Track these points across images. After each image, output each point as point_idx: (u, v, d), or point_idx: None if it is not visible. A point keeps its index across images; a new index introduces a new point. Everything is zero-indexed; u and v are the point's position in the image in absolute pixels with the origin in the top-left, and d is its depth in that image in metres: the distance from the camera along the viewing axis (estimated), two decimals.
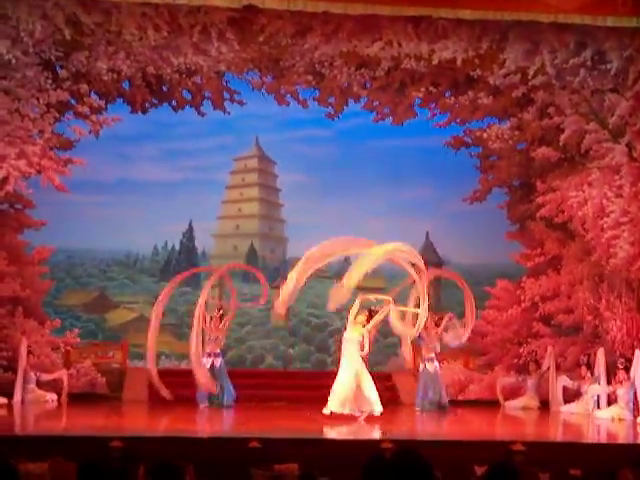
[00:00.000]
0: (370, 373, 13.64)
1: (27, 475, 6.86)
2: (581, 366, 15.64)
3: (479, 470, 7.03)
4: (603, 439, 13.16)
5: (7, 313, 15.93)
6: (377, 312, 13.60)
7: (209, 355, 15.18)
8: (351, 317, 13.49)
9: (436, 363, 15.25)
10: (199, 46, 15.95)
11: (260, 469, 8.35)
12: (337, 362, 14.01)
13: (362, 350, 13.48)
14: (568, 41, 15.75)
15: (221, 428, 12.20)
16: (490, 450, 10.17)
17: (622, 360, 14.95)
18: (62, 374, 15.57)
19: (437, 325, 15.32)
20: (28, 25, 15.04)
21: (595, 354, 15.45)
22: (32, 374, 15.26)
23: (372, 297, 13.74)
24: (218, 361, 15.22)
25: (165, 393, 14.23)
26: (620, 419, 14.31)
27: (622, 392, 14.63)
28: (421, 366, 15.25)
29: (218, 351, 15.29)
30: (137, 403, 15.30)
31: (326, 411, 13.16)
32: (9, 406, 14.35)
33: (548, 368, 16.04)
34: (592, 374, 15.29)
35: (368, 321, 13.56)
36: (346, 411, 13.18)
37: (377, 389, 13.49)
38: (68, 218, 17.50)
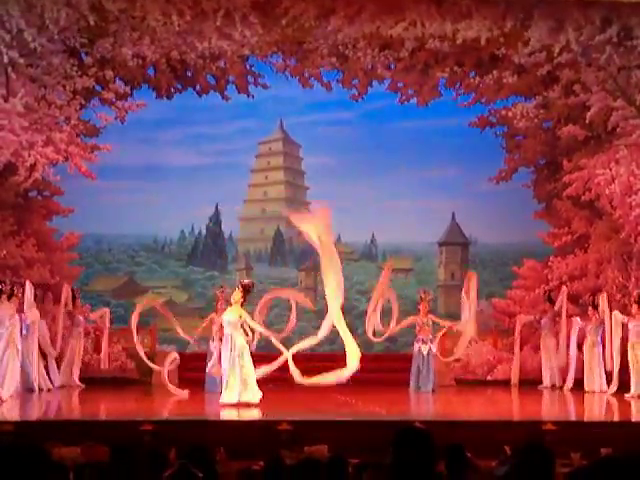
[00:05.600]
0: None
1: (61, 459, 6.93)
2: (588, 306, 15.72)
3: (510, 450, 7.04)
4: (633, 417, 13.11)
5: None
6: (251, 286, 12.75)
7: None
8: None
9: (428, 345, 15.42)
10: (223, 30, 15.93)
11: (290, 451, 8.39)
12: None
13: (247, 335, 12.48)
14: (593, 18, 15.60)
15: (251, 411, 12.27)
16: (521, 430, 10.21)
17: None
18: (105, 311, 16.09)
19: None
20: (53, 13, 15.09)
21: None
22: (80, 317, 15.55)
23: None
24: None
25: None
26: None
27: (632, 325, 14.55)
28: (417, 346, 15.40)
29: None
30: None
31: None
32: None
33: (561, 306, 16.13)
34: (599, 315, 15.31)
35: (244, 298, 12.57)
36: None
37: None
38: (95, 204, 17.61)
